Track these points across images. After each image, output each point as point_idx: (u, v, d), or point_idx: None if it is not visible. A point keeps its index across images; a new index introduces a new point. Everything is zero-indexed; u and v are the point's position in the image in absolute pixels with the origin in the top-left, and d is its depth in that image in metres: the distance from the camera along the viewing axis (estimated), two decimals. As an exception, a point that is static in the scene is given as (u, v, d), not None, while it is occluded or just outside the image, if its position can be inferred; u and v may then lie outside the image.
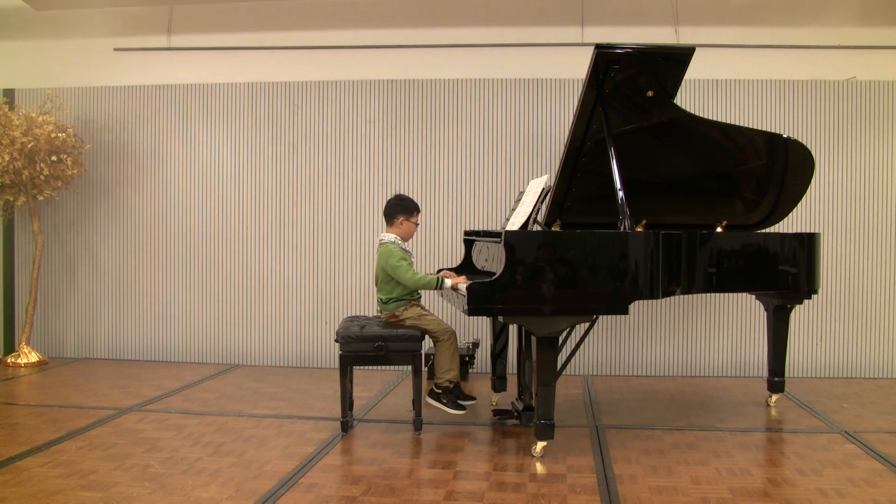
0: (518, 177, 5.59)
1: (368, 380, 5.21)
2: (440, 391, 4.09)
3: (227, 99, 5.86)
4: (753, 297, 5.01)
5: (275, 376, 5.38)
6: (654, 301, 5.31)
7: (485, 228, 5.36)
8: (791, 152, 4.30)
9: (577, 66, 4.95)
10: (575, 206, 4.18)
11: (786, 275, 4.06)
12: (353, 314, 5.36)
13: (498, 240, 3.73)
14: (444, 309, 5.34)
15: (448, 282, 3.90)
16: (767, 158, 4.32)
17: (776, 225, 4.50)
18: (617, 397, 4.79)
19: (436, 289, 3.95)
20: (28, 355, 5.68)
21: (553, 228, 4.10)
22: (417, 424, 3.92)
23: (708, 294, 5.27)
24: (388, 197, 4.33)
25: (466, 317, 5.36)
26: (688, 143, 4.23)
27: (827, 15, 5.56)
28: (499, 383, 4.52)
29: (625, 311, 3.49)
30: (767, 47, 5.55)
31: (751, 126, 5.05)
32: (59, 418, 4.17)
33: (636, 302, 3.53)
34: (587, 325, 3.67)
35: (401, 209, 4.11)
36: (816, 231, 4.78)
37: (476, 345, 5.40)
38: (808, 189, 4.45)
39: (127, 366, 5.74)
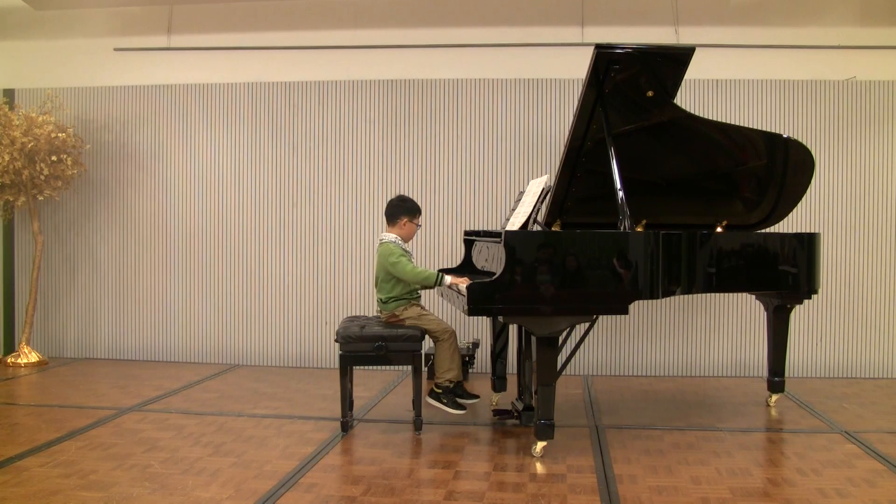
0: (518, 177, 5.59)
1: (368, 380, 5.21)
2: (440, 391, 4.09)
3: (227, 99, 5.86)
4: (753, 297, 5.01)
5: (275, 376, 5.38)
6: (654, 301, 5.31)
7: (485, 228, 5.36)
8: (791, 152, 4.30)
9: (577, 66, 4.96)
10: (575, 206, 4.17)
11: (786, 275, 4.06)
12: (353, 314, 5.37)
13: (498, 240, 3.73)
14: (444, 309, 5.34)
15: (448, 278, 3.91)
16: (767, 158, 4.32)
17: (776, 225, 4.50)
18: (617, 397, 4.79)
19: (435, 285, 3.95)
20: (28, 355, 5.68)
21: (553, 228, 4.10)
22: (417, 424, 3.92)
23: (708, 294, 5.27)
24: (388, 197, 4.33)
25: (466, 317, 5.36)
26: (688, 143, 4.23)
27: (827, 15, 5.56)
28: (499, 383, 4.52)
29: (625, 311, 3.49)
30: (767, 47, 5.55)
31: (751, 126, 5.06)
32: (59, 418, 4.17)
33: (636, 302, 3.53)
34: (587, 325, 3.67)
35: (404, 210, 4.11)
36: (816, 231, 4.78)
37: (476, 345, 5.40)
38: (808, 189, 4.45)
39: (127, 366, 5.74)
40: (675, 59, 3.82)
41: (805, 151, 4.28)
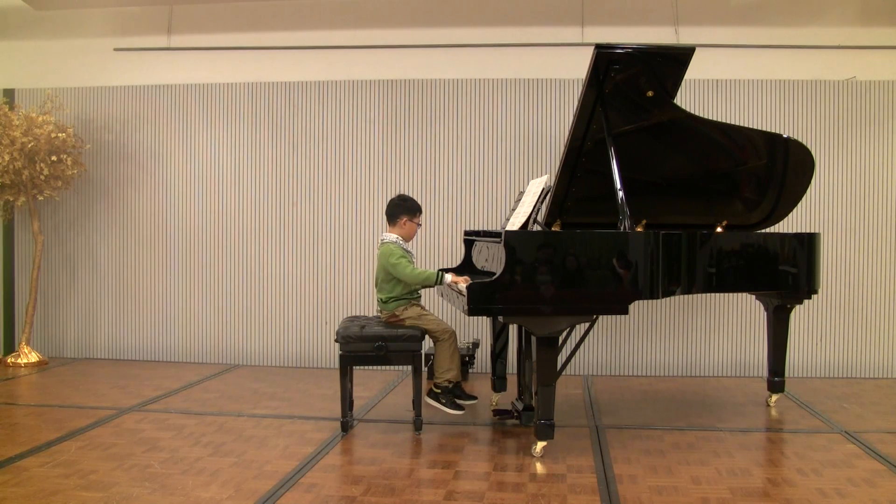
0: (518, 177, 5.59)
1: (368, 380, 5.21)
2: (439, 391, 4.09)
3: (227, 99, 5.86)
4: (753, 297, 5.01)
5: (275, 376, 5.38)
6: (654, 301, 5.31)
7: (485, 228, 5.36)
8: (791, 152, 4.30)
9: (577, 66, 4.96)
10: (575, 206, 4.18)
11: (786, 275, 4.06)
12: (353, 314, 5.36)
13: (498, 240, 3.73)
14: (444, 309, 5.34)
15: (448, 277, 3.91)
16: (767, 158, 4.32)
17: (776, 225, 4.50)
18: (617, 397, 4.79)
19: (435, 284, 3.95)
20: (28, 355, 5.68)
21: (553, 228, 4.10)
22: (417, 424, 3.92)
23: (708, 294, 5.27)
24: (389, 197, 4.32)
25: (466, 317, 5.36)
26: (688, 143, 4.23)
27: (827, 15, 5.56)
28: (499, 383, 4.52)
29: (625, 311, 3.49)
30: (767, 47, 5.55)
31: (751, 126, 5.06)
32: (59, 418, 4.17)
33: (636, 302, 3.53)
34: (587, 325, 3.67)
35: (404, 209, 4.11)
36: (816, 231, 4.78)
37: (476, 345, 5.40)
38: (808, 189, 4.45)
39: (127, 366, 5.74)
40: (675, 59, 3.82)
41: (805, 151, 4.28)
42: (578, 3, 5.65)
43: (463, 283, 3.72)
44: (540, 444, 3.53)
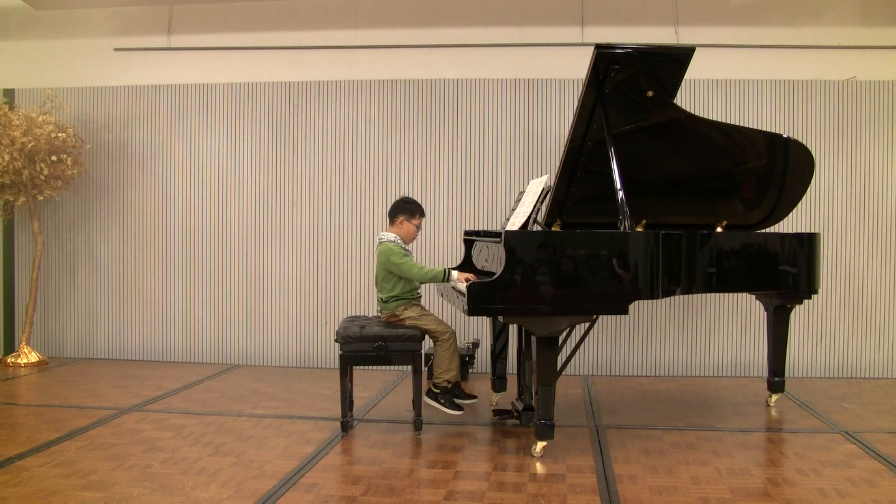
0: (518, 177, 5.59)
1: (368, 380, 5.21)
2: (438, 391, 4.09)
3: (227, 99, 5.86)
4: (753, 297, 5.01)
5: (275, 376, 5.38)
6: (654, 301, 5.31)
7: (485, 228, 5.36)
8: (791, 152, 4.30)
9: (577, 66, 4.97)
10: (575, 206, 4.18)
11: (786, 275, 4.06)
12: (353, 314, 5.36)
13: (498, 240, 3.73)
14: (444, 309, 5.34)
15: (455, 273, 3.90)
16: (767, 158, 4.32)
17: (776, 225, 4.50)
18: (617, 397, 4.79)
19: (443, 281, 3.93)
20: (28, 355, 5.68)
21: (553, 228, 4.10)
22: (417, 424, 3.92)
23: (708, 294, 5.27)
24: (388, 197, 4.34)
25: (466, 317, 5.36)
26: (688, 143, 4.23)
27: (827, 15, 5.56)
28: (499, 383, 4.52)
29: (625, 311, 3.49)
30: (767, 47, 5.55)
31: (751, 126, 5.06)
32: (59, 418, 4.17)
33: (636, 302, 3.54)
34: (587, 325, 3.67)
35: (402, 210, 4.12)
36: (816, 231, 4.78)
37: (476, 345, 5.40)
38: (808, 189, 4.45)
39: (127, 366, 5.74)
40: (675, 59, 3.82)
41: (805, 151, 4.28)
42: (578, 3, 5.65)
43: (470, 278, 3.73)
44: (540, 444, 3.53)
